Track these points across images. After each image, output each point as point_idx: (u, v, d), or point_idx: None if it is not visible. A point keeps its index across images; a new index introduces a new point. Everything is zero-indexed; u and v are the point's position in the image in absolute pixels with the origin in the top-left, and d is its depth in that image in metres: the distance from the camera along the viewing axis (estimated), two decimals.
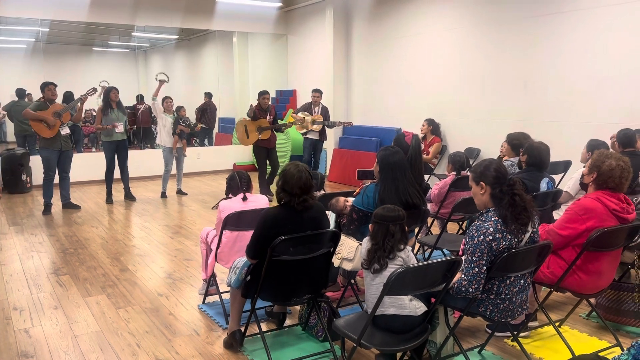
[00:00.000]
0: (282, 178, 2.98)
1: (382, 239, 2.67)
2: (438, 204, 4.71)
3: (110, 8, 9.38)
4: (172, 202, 8.12)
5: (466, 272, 2.60)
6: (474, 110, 7.53)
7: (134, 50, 18.53)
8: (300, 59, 11.34)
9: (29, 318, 3.85)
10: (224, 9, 10.27)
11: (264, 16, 11.01)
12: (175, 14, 10.11)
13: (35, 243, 5.82)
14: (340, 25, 9.81)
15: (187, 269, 4.94)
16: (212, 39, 14.89)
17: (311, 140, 8.51)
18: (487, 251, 2.56)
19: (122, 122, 7.69)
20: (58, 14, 9.17)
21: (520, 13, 6.77)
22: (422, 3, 8.24)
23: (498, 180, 2.69)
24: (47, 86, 6.92)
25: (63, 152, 7.08)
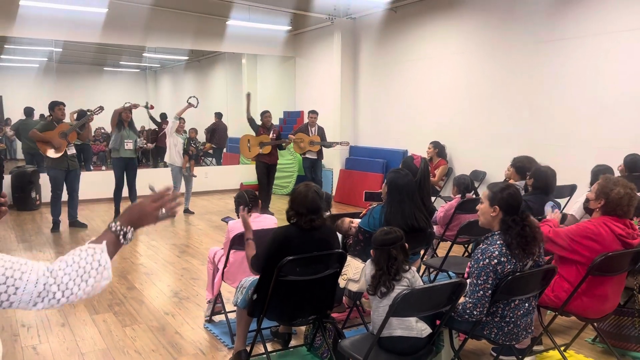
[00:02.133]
0: (291, 197, 3.04)
1: (385, 264, 2.68)
2: (444, 227, 4.73)
3: (122, 29, 9.58)
4: (179, 221, 8.17)
5: (471, 294, 2.62)
6: (479, 133, 7.59)
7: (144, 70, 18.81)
8: (307, 81, 11.49)
9: (37, 335, 3.88)
10: (234, 31, 10.46)
11: (273, 39, 11.19)
12: (185, 35, 10.30)
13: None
14: (347, 49, 9.96)
15: (194, 287, 4.97)
16: (221, 61, 15.11)
17: (310, 160, 8.76)
18: (492, 274, 2.58)
19: (132, 140, 7.80)
20: (72, 34, 9.37)
21: (525, 39, 6.87)
22: (429, 27, 8.37)
23: (513, 209, 2.70)
24: (57, 105, 7.04)
25: (70, 171, 7.17)
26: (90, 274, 1.32)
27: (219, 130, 13.04)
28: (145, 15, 9.61)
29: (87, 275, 1.31)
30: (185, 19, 10.07)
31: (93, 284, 1.33)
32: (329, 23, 10.06)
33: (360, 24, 9.90)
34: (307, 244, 2.98)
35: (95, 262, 1.34)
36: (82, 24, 8.98)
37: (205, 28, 10.36)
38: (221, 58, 14.96)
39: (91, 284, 1.32)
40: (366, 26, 9.75)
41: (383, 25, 9.30)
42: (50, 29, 8.96)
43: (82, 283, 1.31)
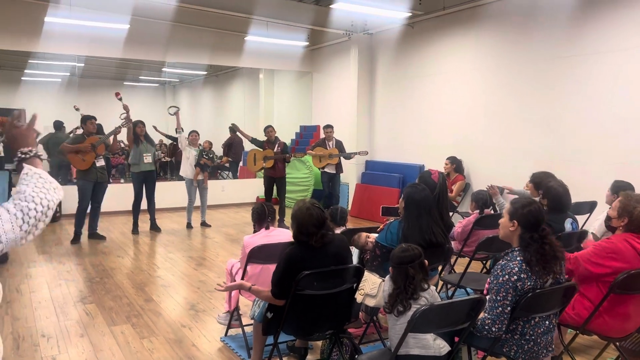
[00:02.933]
0: (295, 222, 2.97)
1: (403, 282, 2.66)
2: (461, 242, 4.70)
3: (143, 45, 9.76)
4: (196, 233, 8.23)
5: (490, 311, 2.60)
6: (497, 149, 7.56)
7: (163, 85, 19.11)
8: (324, 95, 11.56)
9: (56, 345, 3.92)
10: (252, 46, 10.59)
11: (291, 54, 11.30)
12: (204, 51, 10.46)
13: (63, 271, 5.96)
14: (364, 64, 10.02)
15: (210, 300, 4.99)
16: (239, 76, 15.30)
17: (328, 174, 8.80)
18: (511, 291, 2.56)
19: (151, 154, 7.91)
20: (94, 50, 9.58)
21: (543, 54, 6.85)
22: (446, 43, 8.39)
23: (532, 225, 2.66)
24: (88, 119, 7.25)
25: (98, 183, 7.30)
26: (39, 184, 1.47)
27: (235, 144, 13.16)
28: (165, 31, 9.79)
29: (42, 186, 1.46)
30: (204, 35, 10.23)
31: (50, 188, 1.48)
32: (346, 38, 10.14)
33: (377, 39, 9.96)
34: (322, 260, 2.98)
35: (33, 176, 1.47)
36: (104, 40, 9.17)
37: (223, 43, 10.51)
38: (239, 73, 15.15)
39: (49, 188, 1.47)
40: (383, 41, 9.81)
41: (400, 40, 9.35)
42: (74, 44, 9.16)
43: (43, 190, 1.45)
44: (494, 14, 7.55)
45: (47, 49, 9.15)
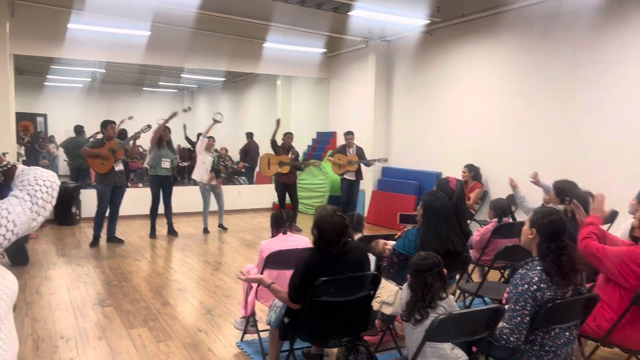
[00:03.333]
0: (317, 229, 2.95)
1: (420, 290, 2.65)
2: (479, 251, 4.66)
3: (163, 51, 9.88)
4: (212, 238, 8.28)
5: (509, 320, 2.56)
6: (516, 157, 7.48)
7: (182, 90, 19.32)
8: (341, 102, 11.58)
9: (75, 347, 3.97)
10: (270, 53, 10.65)
11: (308, 61, 11.35)
12: (223, 57, 10.55)
13: (81, 274, 6.03)
14: (381, 71, 10.02)
15: (226, 305, 5.00)
16: (257, 82, 15.40)
17: (348, 181, 8.77)
18: (531, 301, 2.53)
19: (170, 160, 7.99)
20: (116, 56, 9.72)
21: (564, 61, 6.78)
22: (465, 50, 8.36)
23: (551, 236, 2.62)
24: (109, 124, 7.36)
25: (117, 187, 7.39)
26: (42, 171, 1.55)
27: (252, 150, 13.24)
28: (185, 37, 9.90)
29: (41, 172, 1.54)
30: (222, 42, 10.33)
31: (49, 173, 1.56)
32: (363, 45, 10.15)
33: (394, 46, 9.96)
34: (340, 267, 2.97)
35: (33, 167, 1.57)
36: (125, 46, 9.31)
37: (241, 50, 10.59)
38: (257, 79, 15.26)
39: (47, 172, 1.56)
40: (401, 49, 9.80)
41: (418, 47, 9.33)
42: (96, 50, 9.32)
43: (45, 173, 1.54)
44: (513, 21, 7.50)
45: (70, 55, 9.31)
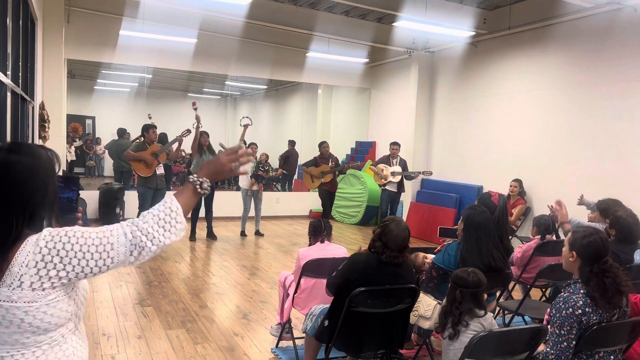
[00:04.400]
0: (384, 229, 2.99)
1: (450, 303, 2.63)
2: (521, 268, 4.55)
3: (208, 58, 10.11)
4: (249, 243, 8.38)
5: (553, 345, 2.48)
6: (561, 173, 7.28)
7: (225, 97, 19.69)
8: (382, 112, 11.55)
9: (115, 345, 4.08)
10: (312, 62, 10.75)
11: (350, 71, 11.38)
12: (266, 65, 10.71)
13: (123, 273, 6.20)
14: (424, 81, 9.96)
15: (262, 311, 5.05)
16: (298, 90, 15.54)
17: (389, 192, 8.72)
18: (576, 325, 2.44)
19: None
20: (164, 62, 10.02)
21: (614, 76, 6.58)
22: (511, 63, 8.22)
23: (592, 258, 2.52)
24: (150, 128, 7.56)
25: (158, 190, 7.58)
26: (166, 220, 1.48)
27: (292, 157, 13.35)
28: (230, 45, 10.10)
29: (163, 221, 1.48)
30: (266, 50, 10.48)
31: (170, 229, 1.49)
32: (406, 56, 10.12)
33: (438, 57, 9.88)
34: (382, 276, 2.97)
35: (167, 209, 1.50)
36: (173, 53, 9.57)
37: (284, 59, 10.72)
38: (298, 88, 15.39)
39: (168, 229, 1.48)
40: (444, 60, 9.72)
41: (462, 59, 9.23)
42: (145, 56, 9.62)
43: (161, 229, 1.47)
44: (562, 35, 7.33)
45: (120, 60, 9.65)
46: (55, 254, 1.34)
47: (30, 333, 1.36)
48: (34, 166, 1.40)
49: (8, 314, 1.32)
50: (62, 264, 1.35)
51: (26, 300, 1.32)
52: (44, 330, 1.37)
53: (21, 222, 1.35)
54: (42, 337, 1.38)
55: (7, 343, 1.35)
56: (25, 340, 1.36)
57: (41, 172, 1.41)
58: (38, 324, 1.35)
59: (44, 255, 1.33)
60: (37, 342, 1.38)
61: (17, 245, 1.33)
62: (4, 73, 4.55)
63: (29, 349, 1.37)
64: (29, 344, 1.37)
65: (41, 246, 1.34)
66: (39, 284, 1.34)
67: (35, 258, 1.33)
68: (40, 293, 1.34)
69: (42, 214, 1.40)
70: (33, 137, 6.85)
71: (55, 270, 1.35)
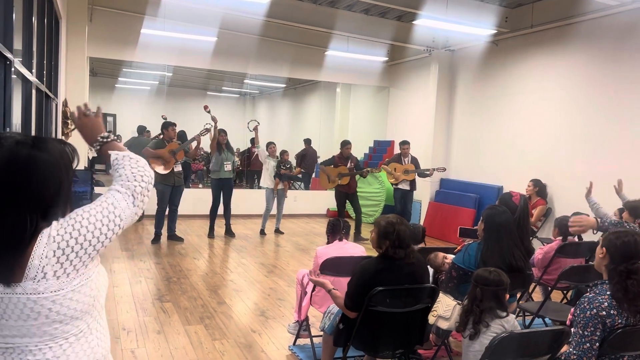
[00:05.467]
0: (394, 233, 2.94)
1: (470, 301, 2.61)
2: (542, 269, 4.49)
3: (228, 57, 10.17)
4: (267, 241, 8.41)
5: (576, 346, 2.44)
6: (583, 174, 7.15)
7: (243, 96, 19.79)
8: (401, 111, 11.49)
9: (135, 339, 4.13)
10: (331, 61, 10.73)
11: (369, 69, 11.34)
12: (284, 64, 10.73)
13: (143, 269, 6.27)
14: (444, 80, 9.87)
15: (280, 308, 5.06)
16: (317, 89, 15.55)
17: (402, 190, 8.71)
18: (601, 326, 2.40)
19: (231, 162, 8.22)
20: (184, 60, 10.11)
21: (636, 77, 6.44)
22: (532, 62, 8.11)
23: (620, 257, 2.46)
24: (170, 126, 7.62)
25: (175, 187, 7.65)
26: (132, 164, 1.59)
27: (309, 155, 13.35)
28: (249, 43, 10.14)
29: (135, 164, 1.59)
30: (285, 49, 10.50)
31: (144, 165, 1.61)
32: (426, 55, 10.05)
33: (458, 56, 9.80)
34: (397, 277, 2.96)
35: (124, 158, 1.60)
36: (193, 51, 9.64)
37: (303, 57, 10.73)
38: (317, 86, 15.40)
39: (142, 165, 1.60)
40: (465, 59, 9.63)
41: (483, 58, 9.13)
42: (165, 54, 9.71)
43: (136, 170, 1.58)
44: (585, 33, 7.21)
45: (142, 58, 9.75)
46: (69, 238, 1.37)
47: (59, 323, 1.38)
48: (54, 162, 1.42)
49: (36, 306, 1.34)
50: (78, 244, 1.38)
51: (53, 290, 1.35)
52: (70, 318, 1.40)
53: (37, 217, 1.37)
54: (69, 327, 1.41)
55: (35, 335, 1.37)
56: (53, 331, 1.38)
57: (59, 168, 1.43)
58: (65, 311, 1.37)
59: (59, 243, 1.36)
60: (65, 332, 1.40)
61: (34, 239, 1.35)
62: (30, 70, 4.63)
63: (56, 340, 1.39)
64: (57, 335, 1.39)
65: (53, 235, 1.36)
66: (62, 271, 1.36)
67: (52, 247, 1.35)
68: (65, 280, 1.37)
69: (57, 209, 1.42)
70: (56, 133, 6.96)
71: (74, 253, 1.38)
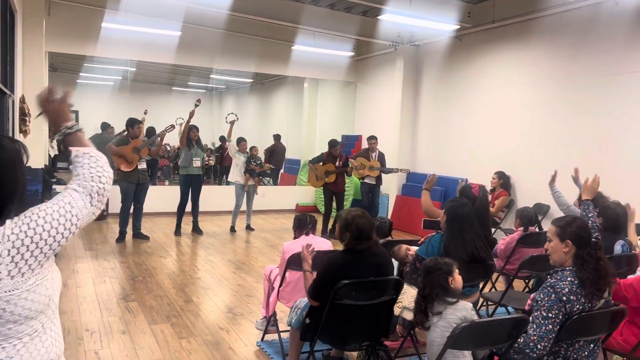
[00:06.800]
0: (354, 225, 2.96)
1: (418, 292, 2.64)
2: (504, 259, 4.59)
3: (193, 51, 10.03)
4: (236, 237, 8.35)
5: (537, 328, 2.49)
6: (544, 166, 7.34)
7: (210, 91, 19.55)
8: (368, 106, 11.56)
9: (99, 340, 4.05)
10: (298, 56, 10.71)
11: (336, 64, 11.36)
12: (251, 58, 10.65)
13: (107, 268, 6.15)
14: (409, 75, 9.97)
15: (248, 305, 5.04)
16: (284, 84, 15.48)
17: (368, 185, 8.79)
18: (562, 310, 2.47)
19: (200, 158, 8.13)
20: (147, 55, 9.91)
21: (598, 70, 6.64)
22: (495, 56, 8.26)
23: (585, 241, 2.58)
24: (136, 124, 7.49)
25: (140, 184, 7.51)
26: (91, 163, 1.54)
27: (278, 151, 13.32)
28: (215, 38, 10.02)
29: (94, 164, 1.54)
30: (251, 43, 10.42)
31: (103, 165, 1.55)
32: (392, 50, 10.12)
33: (423, 51, 9.90)
34: (363, 270, 2.98)
35: (83, 156, 1.55)
36: (156, 46, 9.47)
37: (270, 52, 10.67)
38: (284, 81, 15.33)
39: (102, 165, 1.55)
40: (430, 53, 9.74)
41: (447, 53, 9.26)
42: (128, 49, 9.50)
43: (96, 169, 1.53)
44: (546, 28, 7.38)
45: (103, 53, 9.51)
46: (24, 237, 1.34)
47: (12, 323, 1.35)
48: (10, 161, 1.39)
49: None
50: (33, 243, 1.35)
51: (7, 290, 1.32)
52: (25, 318, 1.37)
53: None
54: (24, 327, 1.38)
55: None
56: (7, 331, 1.35)
57: (14, 167, 1.39)
58: (20, 311, 1.35)
59: (14, 242, 1.33)
60: (19, 332, 1.38)
61: None
62: None
63: (9, 341, 1.37)
64: (10, 336, 1.36)
65: (8, 234, 1.33)
66: (17, 271, 1.33)
67: (6, 246, 1.32)
68: (19, 280, 1.34)
69: (11, 207, 1.39)
70: (13, 131, 6.74)
71: (29, 252, 1.35)
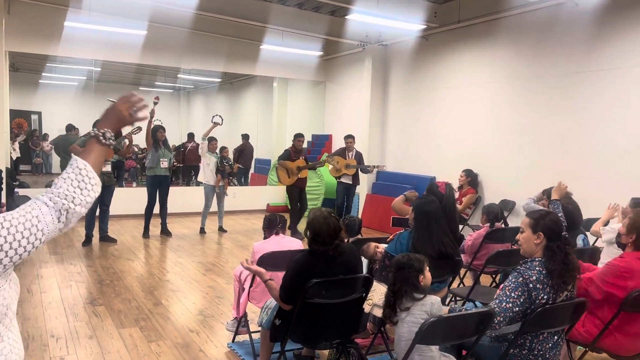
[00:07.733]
0: (311, 230, 2.95)
1: (388, 288, 2.67)
2: (471, 255, 4.68)
3: (159, 51, 9.88)
4: (206, 239, 8.27)
5: (498, 303, 2.55)
6: (509, 163, 7.52)
7: (178, 91, 19.30)
8: (337, 105, 11.61)
9: (65, 346, 3.95)
10: (266, 55, 10.67)
11: (305, 64, 11.37)
12: (219, 58, 10.56)
13: (74, 273, 6.01)
14: (378, 75, 10.06)
15: (218, 306, 5.00)
16: (253, 84, 15.39)
17: (344, 184, 8.72)
18: (527, 294, 2.53)
19: (167, 159, 8.00)
20: (112, 55, 9.71)
21: (560, 68, 6.83)
22: (461, 56, 8.40)
23: (556, 235, 2.66)
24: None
25: (105, 186, 7.34)
26: (78, 180, 1.47)
27: (247, 151, 13.24)
28: (182, 37, 9.90)
29: (77, 182, 1.47)
30: (219, 43, 10.33)
31: (86, 186, 1.48)
32: (360, 49, 10.19)
33: (391, 50, 10.00)
34: (332, 268, 2.98)
35: (76, 169, 1.49)
36: (121, 45, 9.29)
37: (238, 51, 10.60)
38: (253, 81, 15.24)
39: (84, 187, 1.48)
40: (397, 53, 9.84)
41: (414, 52, 9.37)
42: (92, 49, 9.30)
43: (77, 190, 1.46)
44: (510, 28, 7.55)
45: (66, 53, 9.28)
46: None
47: None
48: None
49: None
50: None
51: None
52: None
53: None
54: None
55: None
56: None
57: None
58: None
59: None
60: None
61: None
62: None
63: None
64: None
65: None
66: None
67: None
68: None
69: None
70: None
71: None
